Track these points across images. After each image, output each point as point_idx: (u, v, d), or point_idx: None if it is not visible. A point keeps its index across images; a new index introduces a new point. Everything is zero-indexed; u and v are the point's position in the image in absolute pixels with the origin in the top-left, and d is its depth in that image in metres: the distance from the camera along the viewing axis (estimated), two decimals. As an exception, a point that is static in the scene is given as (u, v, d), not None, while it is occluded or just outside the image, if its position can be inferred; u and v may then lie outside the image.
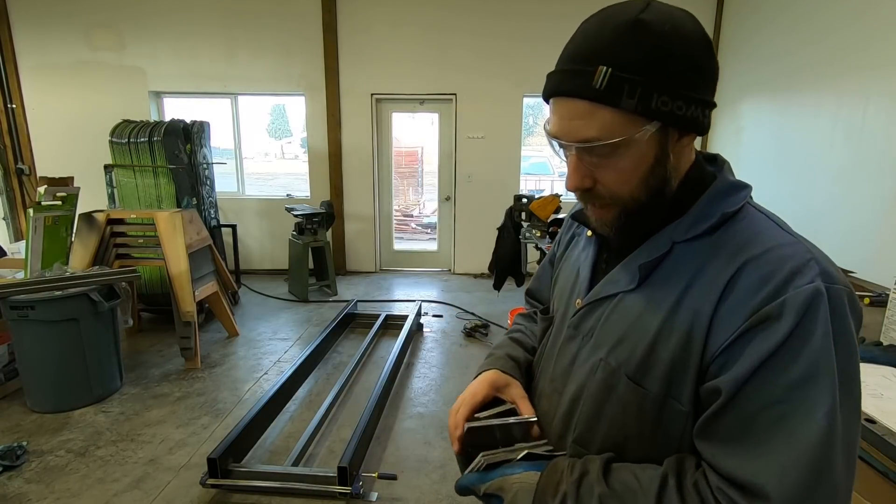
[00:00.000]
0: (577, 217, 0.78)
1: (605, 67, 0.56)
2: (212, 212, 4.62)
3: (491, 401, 0.78)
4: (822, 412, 0.50)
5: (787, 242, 0.57)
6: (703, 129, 0.60)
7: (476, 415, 0.74)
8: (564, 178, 0.65)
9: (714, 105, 0.60)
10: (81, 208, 3.50)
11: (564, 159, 0.64)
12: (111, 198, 4.22)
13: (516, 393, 0.78)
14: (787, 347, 0.51)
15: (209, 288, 3.73)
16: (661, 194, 0.63)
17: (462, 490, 0.70)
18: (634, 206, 0.63)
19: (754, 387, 0.53)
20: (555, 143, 0.62)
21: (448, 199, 5.95)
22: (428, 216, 9.61)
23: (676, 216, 0.64)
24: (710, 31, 5.27)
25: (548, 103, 0.63)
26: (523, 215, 4.15)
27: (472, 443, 0.71)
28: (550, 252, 0.95)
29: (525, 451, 0.68)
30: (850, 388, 0.53)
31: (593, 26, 0.60)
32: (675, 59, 0.56)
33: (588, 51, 0.58)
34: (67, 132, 5.56)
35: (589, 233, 0.77)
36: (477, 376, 0.82)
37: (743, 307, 0.54)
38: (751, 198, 0.65)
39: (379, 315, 4.23)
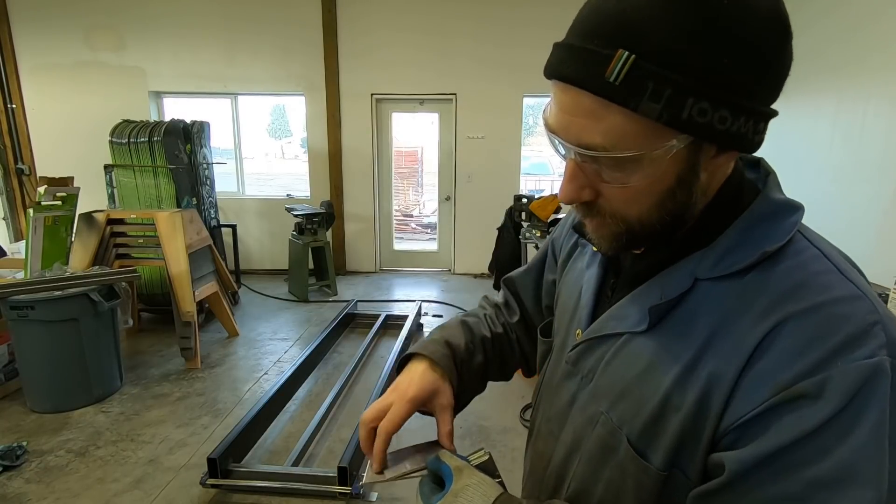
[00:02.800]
0: (580, 230, 0.61)
1: (625, 53, 0.40)
2: (212, 212, 4.62)
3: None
4: None
5: (846, 296, 0.42)
6: (752, 146, 0.44)
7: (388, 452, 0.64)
8: (559, 187, 0.51)
9: (773, 115, 0.45)
10: (81, 208, 3.50)
11: (563, 158, 0.50)
12: (111, 198, 4.22)
13: (439, 402, 0.65)
14: (822, 436, 0.39)
15: (209, 288, 3.73)
16: (680, 220, 0.49)
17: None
18: (642, 232, 0.50)
19: (769, 474, 0.40)
20: (554, 140, 0.48)
21: (448, 199, 5.95)
22: (428, 216, 9.61)
23: (702, 241, 0.50)
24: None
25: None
26: (523, 215, 4.15)
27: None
28: (543, 250, 0.81)
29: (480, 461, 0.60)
30: None
31: None
32: (729, 49, 0.40)
33: (607, 23, 0.42)
34: (67, 132, 5.56)
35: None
36: (406, 361, 0.70)
37: (773, 377, 0.41)
38: (802, 223, 0.49)
39: (379, 315, 4.23)
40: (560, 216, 3.79)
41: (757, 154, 0.56)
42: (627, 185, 0.46)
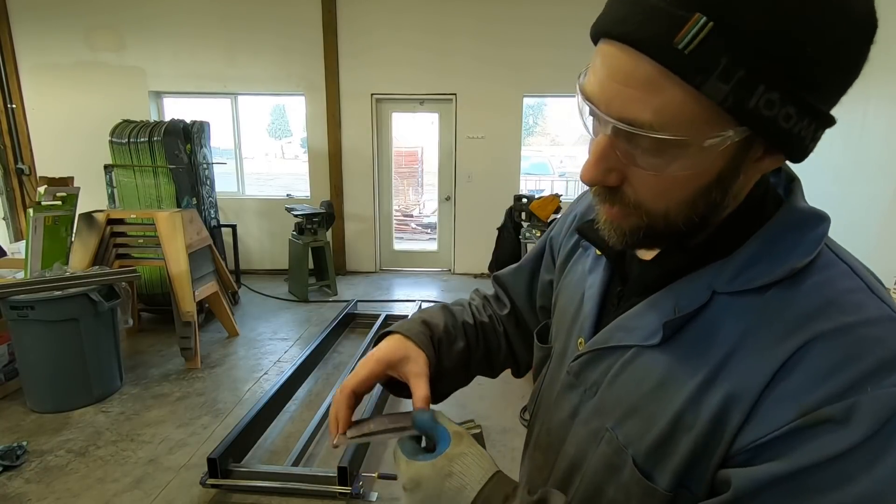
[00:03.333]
0: (584, 233, 0.58)
1: (703, 18, 0.35)
2: (212, 212, 4.62)
3: (385, 380, 0.64)
4: None
5: (879, 318, 0.39)
6: (803, 154, 0.41)
7: (354, 420, 0.60)
8: (582, 165, 0.45)
9: (832, 123, 0.40)
10: (81, 208, 3.50)
11: (591, 133, 0.44)
12: (111, 198, 4.22)
13: (411, 370, 0.60)
14: (845, 462, 0.36)
15: (209, 288, 3.73)
16: (706, 223, 0.45)
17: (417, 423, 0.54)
18: (665, 230, 0.45)
19: (780, 496, 0.38)
20: (587, 108, 0.43)
21: (448, 199, 5.95)
22: (428, 216, 9.61)
23: (721, 250, 0.45)
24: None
25: (595, 44, 0.42)
26: (523, 215, 4.15)
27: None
28: (538, 248, 0.76)
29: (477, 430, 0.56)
30: None
31: None
32: (816, 40, 0.35)
33: None
34: (67, 132, 5.56)
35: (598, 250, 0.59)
36: (378, 341, 0.66)
37: (797, 399, 0.38)
38: (829, 237, 0.46)
39: (379, 315, 4.23)
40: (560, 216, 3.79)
41: None
42: (662, 175, 0.41)
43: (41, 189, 3.28)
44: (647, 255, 0.53)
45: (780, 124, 0.37)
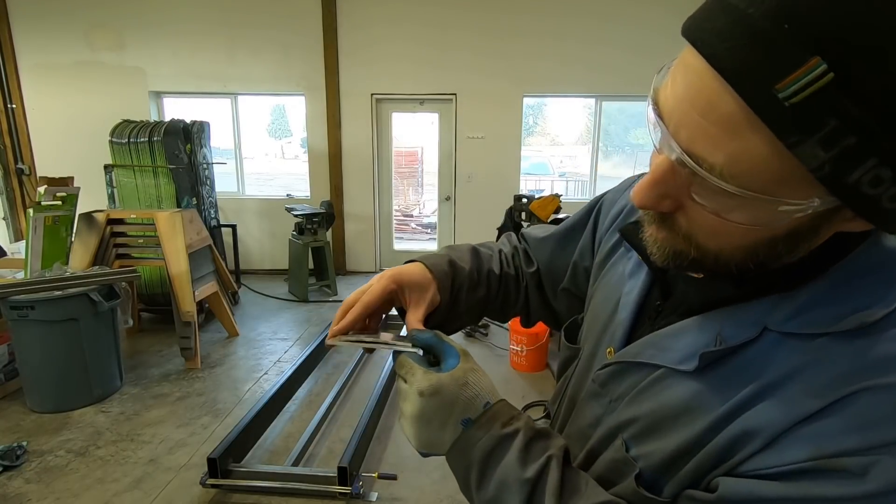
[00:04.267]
0: (629, 237, 0.53)
1: (824, 66, 0.27)
2: (212, 212, 4.62)
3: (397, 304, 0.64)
4: None
5: None
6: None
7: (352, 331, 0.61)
8: (635, 184, 0.40)
9: None
10: (81, 208, 3.50)
11: (655, 145, 0.38)
12: (111, 198, 4.22)
13: (415, 298, 0.62)
14: None
15: (209, 288, 3.73)
16: (763, 268, 0.40)
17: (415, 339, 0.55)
18: (713, 267, 0.41)
19: None
20: (654, 118, 0.37)
21: (448, 199, 5.95)
22: (428, 216, 9.62)
23: (781, 283, 0.40)
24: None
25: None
26: (523, 215, 4.15)
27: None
28: (574, 223, 0.72)
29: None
30: None
31: None
32: None
33: (817, 6, 0.28)
34: (67, 132, 5.56)
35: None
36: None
37: (818, 443, 0.35)
38: None
39: (379, 315, 4.22)
40: (560, 216, 3.78)
41: None
42: (722, 217, 0.36)
43: (41, 189, 3.28)
44: (695, 272, 0.48)
45: (883, 205, 0.31)
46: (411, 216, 10.06)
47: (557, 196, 3.99)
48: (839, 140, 0.28)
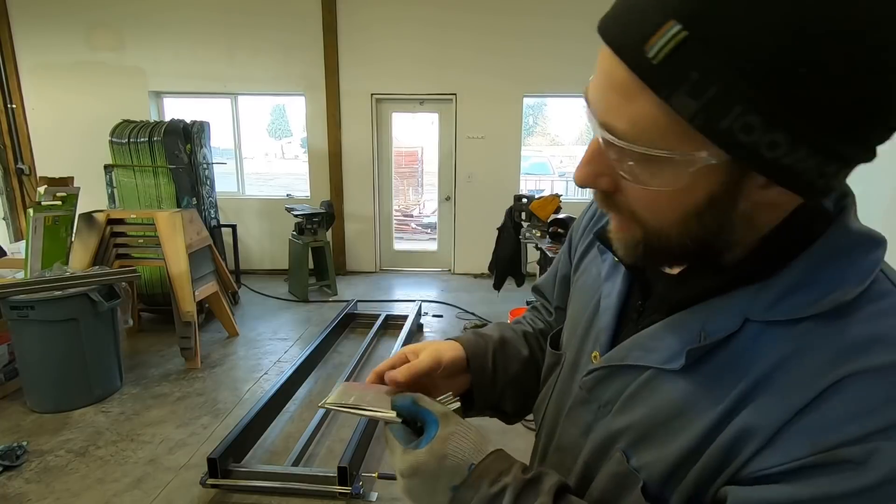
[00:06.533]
0: (603, 239, 0.54)
1: (676, 26, 0.32)
2: (212, 212, 4.62)
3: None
4: None
5: None
6: (810, 190, 0.36)
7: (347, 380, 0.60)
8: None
9: (856, 160, 0.35)
10: (81, 208, 3.50)
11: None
12: (111, 198, 4.22)
13: (424, 354, 0.61)
14: (845, 502, 0.34)
15: (209, 288, 3.73)
16: (708, 249, 0.42)
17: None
18: (659, 247, 0.43)
19: None
20: (585, 106, 0.41)
21: (448, 199, 5.95)
22: (428, 216, 9.62)
23: (758, 273, 0.41)
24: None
25: None
26: (523, 215, 4.14)
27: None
28: (564, 246, 0.73)
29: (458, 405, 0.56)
30: None
31: None
32: (813, 60, 0.30)
33: None
34: (67, 132, 5.56)
35: None
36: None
37: (817, 436, 0.36)
38: (885, 263, 0.41)
39: (379, 315, 4.23)
40: (560, 216, 3.78)
41: None
42: (648, 188, 0.39)
43: (41, 189, 3.27)
44: (673, 269, 0.49)
45: (763, 153, 0.33)
46: (411, 216, 10.07)
47: (557, 196, 3.99)
48: (703, 90, 0.32)
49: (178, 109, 5.88)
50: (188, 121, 4.27)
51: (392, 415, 0.53)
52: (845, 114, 0.32)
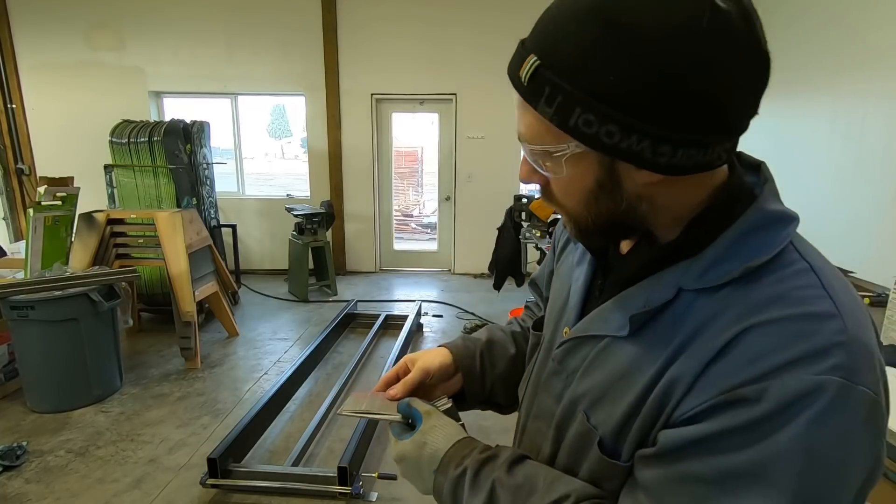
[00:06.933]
0: None
1: (534, 58, 0.45)
2: (212, 212, 4.62)
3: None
4: None
5: (818, 313, 0.42)
6: (657, 168, 0.44)
7: (361, 391, 0.78)
8: None
9: (690, 143, 0.43)
10: (81, 208, 3.50)
11: None
12: (111, 198, 4.22)
13: (417, 364, 0.72)
14: (744, 433, 0.41)
15: (209, 288, 3.73)
16: (621, 225, 0.51)
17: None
18: (580, 224, 0.53)
19: (690, 455, 0.44)
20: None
21: (448, 199, 5.95)
22: (428, 216, 9.62)
23: (691, 249, 0.49)
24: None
25: None
26: (523, 215, 4.15)
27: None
28: (552, 242, 0.84)
29: (448, 405, 0.68)
30: None
31: (559, 0, 0.47)
32: (618, 66, 0.41)
33: (535, 32, 0.48)
34: (67, 132, 5.56)
35: None
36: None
37: (723, 379, 0.43)
38: (797, 235, 0.49)
39: (379, 315, 4.23)
40: (560, 216, 3.78)
41: (754, 155, 0.55)
42: (557, 178, 0.50)
43: (41, 189, 3.27)
44: (625, 249, 0.58)
45: (602, 140, 0.44)
46: (411, 216, 10.07)
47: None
48: (554, 99, 0.44)
49: (178, 109, 5.88)
50: (188, 121, 4.27)
51: (397, 417, 0.66)
52: (653, 106, 0.42)
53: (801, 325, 0.42)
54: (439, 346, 0.79)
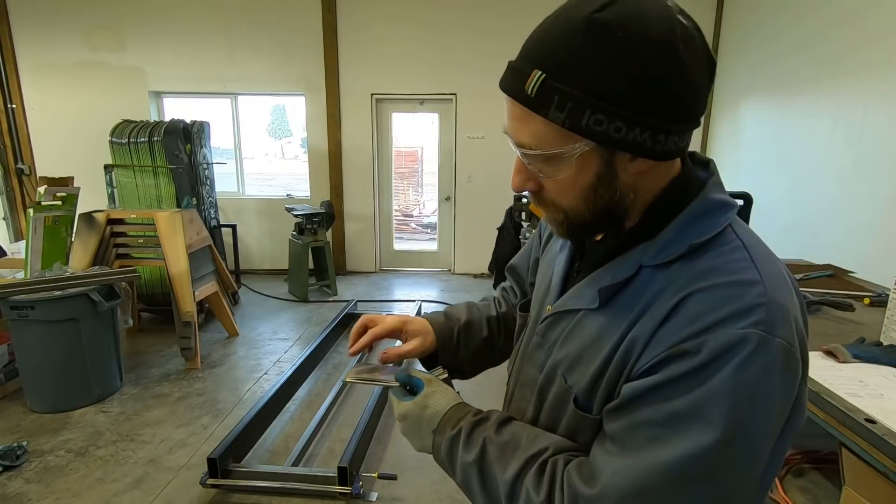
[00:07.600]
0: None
1: (539, 72, 0.51)
2: (212, 212, 4.62)
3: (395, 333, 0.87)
4: (686, 448, 0.49)
5: (745, 280, 0.52)
6: (655, 155, 0.53)
7: (365, 364, 0.86)
8: None
9: (675, 130, 0.53)
10: (81, 208, 3.50)
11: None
12: (111, 198, 4.22)
13: (410, 337, 0.85)
14: (685, 380, 0.50)
15: (209, 288, 3.73)
16: (612, 214, 0.59)
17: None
18: (576, 220, 0.60)
19: (645, 403, 0.52)
20: (507, 135, 0.59)
21: (448, 199, 5.95)
22: (428, 216, 9.62)
23: (649, 234, 0.59)
24: (708, 31, 5.27)
25: None
26: (523, 215, 4.15)
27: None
28: (535, 233, 0.93)
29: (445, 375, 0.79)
30: (740, 449, 0.49)
31: (549, 20, 0.55)
32: (619, 71, 0.49)
33: (531, 49, 0.54)
34: (67, 132, 5.56)
35: None
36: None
37: (670, 337, 0.52)
38: (736, 219, 0.59)
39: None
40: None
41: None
42: (557, 178, 0.57)
43: (41, 189, 3.27)
44: (598, 236, 0.66)
45: (612, 136, 0.51)
46: (411, 216, 10.06)
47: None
48: (564, 105, 0.51)
49: (178, 109, 5.88)
50: (188, 121, 4.27)
51: (396, 384, 0.75)
52: (651, 102, 0.50)
53: (731, 290, 0.51)
54: (424, 315, 0.90)
